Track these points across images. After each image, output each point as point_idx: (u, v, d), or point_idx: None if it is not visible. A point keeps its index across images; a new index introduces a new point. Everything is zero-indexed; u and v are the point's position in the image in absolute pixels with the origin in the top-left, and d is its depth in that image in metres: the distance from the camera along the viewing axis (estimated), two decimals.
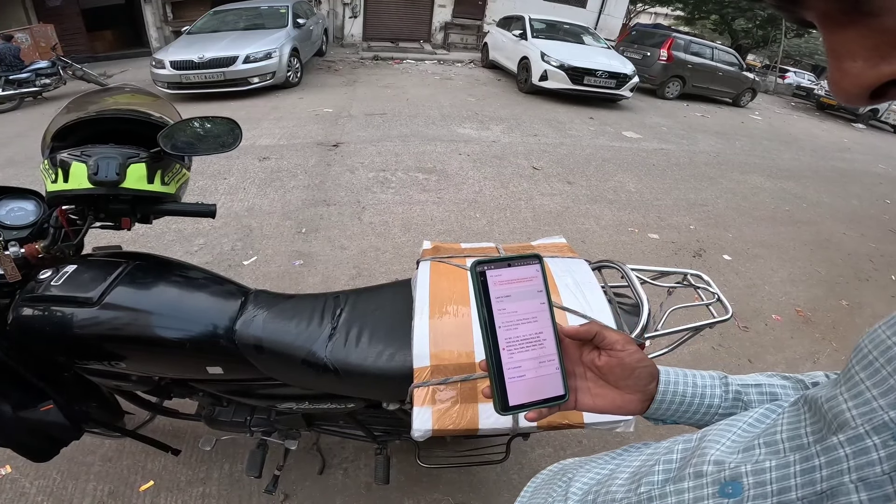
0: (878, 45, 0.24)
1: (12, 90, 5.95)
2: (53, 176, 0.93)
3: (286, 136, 4.86)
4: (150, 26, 10.13)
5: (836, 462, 0.30)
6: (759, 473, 0.34)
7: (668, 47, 9.01)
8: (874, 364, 0.32)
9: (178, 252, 2.78)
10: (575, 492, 0.52)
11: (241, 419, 1.28)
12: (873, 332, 0.34)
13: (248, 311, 1.02)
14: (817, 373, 0.53)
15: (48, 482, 1.52)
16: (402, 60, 9.96)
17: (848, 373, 0.34)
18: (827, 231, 4.13)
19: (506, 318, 0.48)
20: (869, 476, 0.28)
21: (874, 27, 0.24)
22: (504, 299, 0.48)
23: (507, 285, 0.48)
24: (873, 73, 0.24)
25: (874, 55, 0.24)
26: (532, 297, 0.49)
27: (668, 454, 0.44)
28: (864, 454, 0.29)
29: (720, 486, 0.36)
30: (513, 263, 0.49)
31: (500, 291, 0.48)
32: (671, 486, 0.40)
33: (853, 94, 0.26)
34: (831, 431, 0.32)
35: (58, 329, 0.91)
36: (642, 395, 0.51)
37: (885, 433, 0.29)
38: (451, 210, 3.57)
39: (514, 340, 0.48)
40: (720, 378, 0.53)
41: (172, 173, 1.03)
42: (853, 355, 0.35)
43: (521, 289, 0.48)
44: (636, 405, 0.51)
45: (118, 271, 0.97)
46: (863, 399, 0.31)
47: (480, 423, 0.90)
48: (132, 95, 1.20)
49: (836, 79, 0.26)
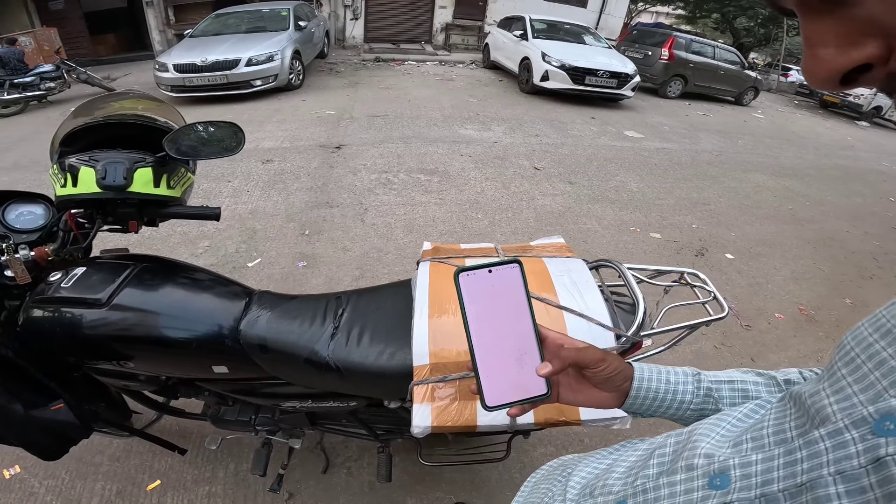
0: (849, 32, 0.25)
1: (17, 94, 5.96)
2: (62, 180, 0.96)
3: (289, 138, 4.89)
4: (153, 29, 10.18)
5: (816, 455, 0.31)
6: (746, 466, 0.35)
7: (670, 46, 9.00)
8: (856, 360, 0.33)
9: (183, 254, 2.81)
10: (573, 486, 0.53)
11: (246, 418, 1.30)
12: (856, 329, 0.35)
13: (253, 311, 1.04)
14: (791, 370, 0.54)
15: (57, 482, 1.54)
16: (403, 62, 9.98)
17: (831, 369, 0.35)
18: (830, 229, 4.11)
19: (486, 321, 0.50)
20: (846, 469, 0.29)
21: (847, 16, 0.25)
22: (485, 304, 0.50)
23: (488, 290, 0.50)
24: (844, 59, 0.26)
25: (845, 42, 0.26)
26: (513, 301, 0.51)
27: (661, 448, 0.46)
28: (842, 448, 0.30)
29: (709, 478, 0.37)
30: (493, 269, 0.51)
31: (481, 296, 0.50)
32: (664, 479, 0.41)
33: (824, 79, 0.27)
34: (813, 426, 0.33)
35: (68, 330, 0.93)
36: (618, 393, 0.54)
37: (864, 427, 0.29)
38: (453, 211, 3.58)
39: (494, 343, 0.50)
40: (693, 375, 0.55)
41: (178, 177, 1.05)
42: (836, 352, 0.36)
43: (502, 293, 0.51)
44: (612, 401, 0.54)
45: (126, 273, 0.99)
46: (844, 394, 0.32)
47: (479, 420, 0.91)
48: (137, 100, 1.22)
49: (809, 65, 0.28)
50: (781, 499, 0.32)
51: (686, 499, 0.38)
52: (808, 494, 0.30)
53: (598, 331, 0.95)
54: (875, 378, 0.31)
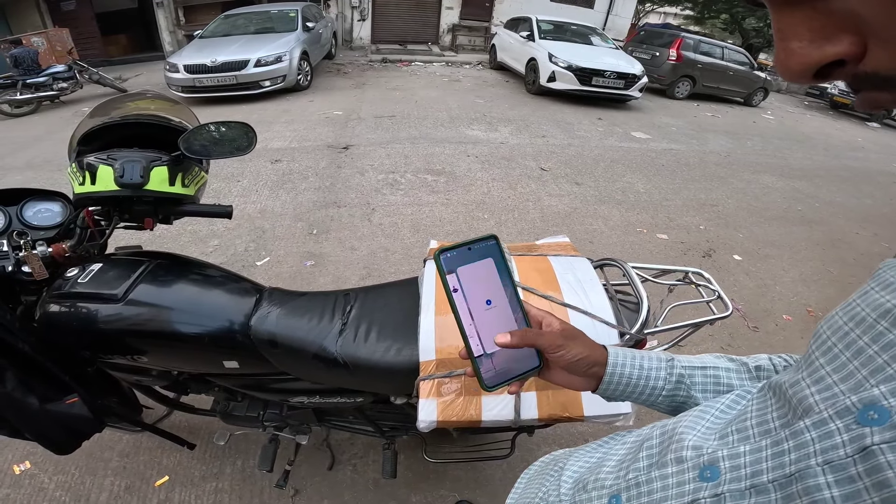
0: (823, 26, 0.25)
1: (30, 94, 6.04)
2: (81, 178, 0.98)
3: (297, 138, 4.93)
4: (163, 30, 10.30)
5: (803, 446, 0.31)
6: (735, 458, 0.36)
7: (678, 47, 8.94)
8: (833, 350, 0.33)
9: (193, 253, 2.82)
10: (566, 480, 0.54)
11: (255, 414, 1.33)
12: (831, 317, 0.35)
13: (263, 307, 1.06)
14: (761, 356, 0.55)
15: (67, 477, 1.57)
16: (410, 63, 10.02)
17: (808, 358, 0.35)
18: (839, 230, 4.07)
19: (472, 301, 0.49)
20: (833, 459, 0.29)
21: (821, 9, 0.25)
22: (469, 283, 0.49)
23: (470, 269, 0.50)
24: (818, 53, 0.25)
25: (819, 36, 0.25)
26: (495, 278, 0.51)
27: (648, 440, 0.46)
28: (828, 438, 0.30)
29: (699, 470, 0.38)
30: (472, 246, 0.50)
31: (465, 276, 0.49)
32: (656, 472, 0.42)
33: (798, 73, 0.27)
34: (797, 416, 0.33)
35: (84, 324, 0.96)
36: (588, 378, 0.54)
37: (848, 417, 0.29)
38: (460, 211, 3.60)
39: (484, 322, 0.50)
40: (667, 361, 0.55)
41: (192, 176, 1.08)
42: (813, 341, 0.36)
43: (484, 270, 0.50)
44: (585, 384, 0.55)
45: (141, 269, 1.01)
46: (824, 384, 0.32)
47: (483, 415, 0.93)
48: (152, 101, 1.25)
49: (782, 58, 0.27)
50: (771, 489, 0.33)
51: (678, 491, 0.39)
52: (797, 484, 0.31)
53: (601, 328, 0.96)
54: (854, 367, 0.31)
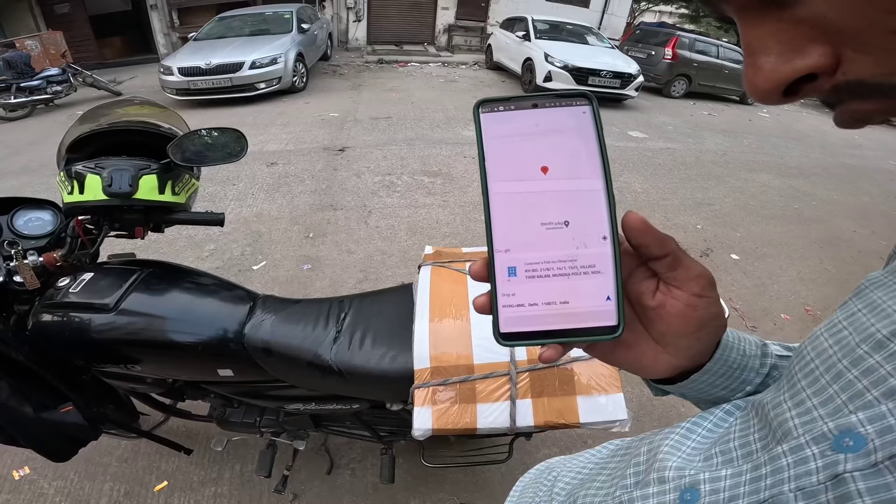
0: (792, 38, 0.23)
1: (24, 97, 6.01)
2: (69, 188, 0.97)
3: (293, 141, 4.91)
4: (158, 33, 10.28)
5: (779, 471, 0.30)
6: (715, 482, 0.35)
7: (673, 46, 8.96)
8: (815, 372, 0.32)
9: (189, 258, 2.83)
10: (558, 492, 0.53)
11: (252, 420, 1.32)
12: (815, 337, 0.34)
13: (257, 315, 1.06)
14: None
15: (66, 483, 1.56)
16: (406, 63, 10.00)
17: (791, 379, 0.34)
18: (837, 229, 4.08)
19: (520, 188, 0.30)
20: (806, 486, 0.28)
21: (789, 19, 0.23)
22: (520, 163, 0.30)
23: (527, 141, 0.30)
24: (787, 67, 0.24)
25: (788, 49, 0.24)
26: (572, 164, 0.30)
27: (636, 457, 0.44)
28: (803, 464, 0.29)
29: (680, 492, 0.37)
30: (540, 104, 0.31)
31: (514, 150, 0.30)
32: (638, 492, 0.40)
33: (766, 92, 0.25)
34: (776, 440, 0.32)
35: (76, 334, 0.95)
36: (683, 360, 0.37)
37: (824, 443, 0.29)
38: (457, 213, 3.59)
39: (532, 225, 0.30)
40: (760, 347, 0.44)
41: (182, 183, 1.07)
42: (796, 360, 0.35)
43: (553, 148, 0.30)
44: (665, 369, 0.38)
45: (133, 278, 1.00)
46: (804, 408, 0.31)
47: (479, 423, 0.92)
48: (142, 106, 1.24)
49: (750, 75, 0.25)
50: None
51: None
52: None
53: None
54: (834, 392, 0.30)
